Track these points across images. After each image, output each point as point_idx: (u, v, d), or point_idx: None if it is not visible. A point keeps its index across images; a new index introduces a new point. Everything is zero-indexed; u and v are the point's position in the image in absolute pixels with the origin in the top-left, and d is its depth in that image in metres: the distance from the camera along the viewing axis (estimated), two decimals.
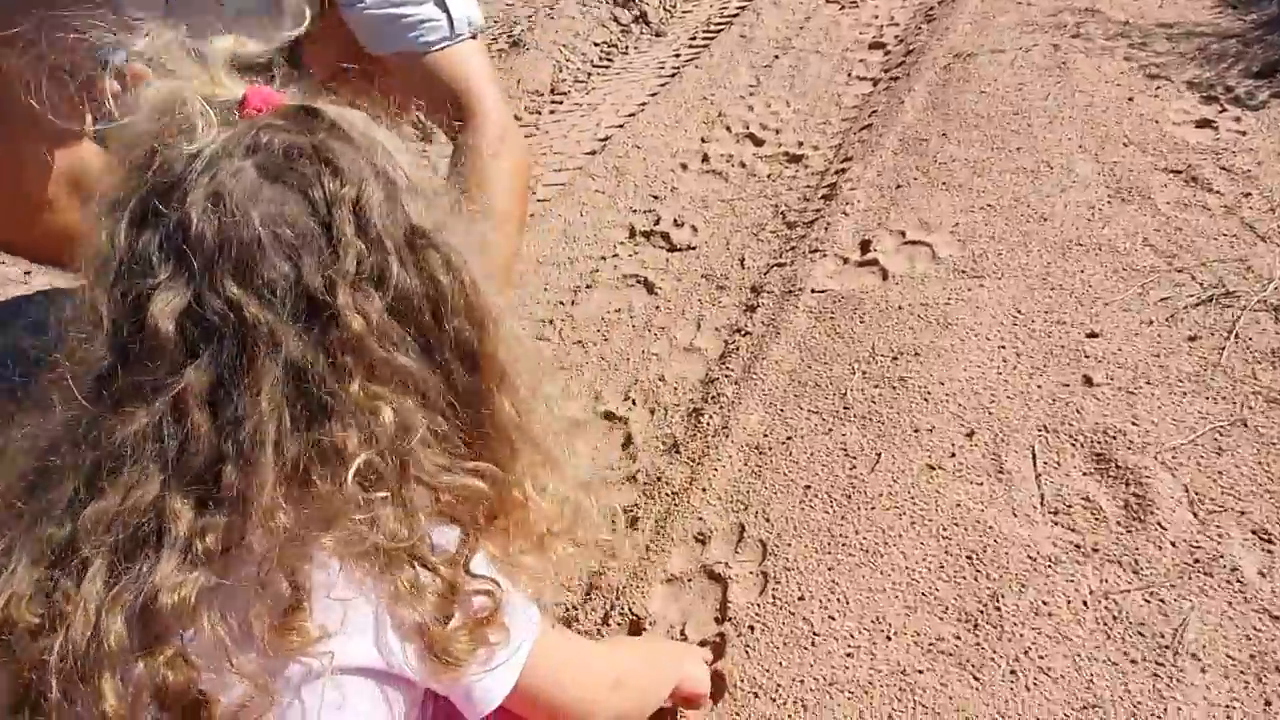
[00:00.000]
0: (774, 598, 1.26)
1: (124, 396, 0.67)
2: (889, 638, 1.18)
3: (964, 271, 1.80)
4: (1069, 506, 1.30)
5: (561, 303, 2.03)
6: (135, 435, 0.66)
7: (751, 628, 1.22)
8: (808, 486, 1.41)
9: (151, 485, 0.65)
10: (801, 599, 1.25)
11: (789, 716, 1.11)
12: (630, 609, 1.29)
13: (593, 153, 2.64)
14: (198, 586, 0.64)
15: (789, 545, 1.32)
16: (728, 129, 2.64)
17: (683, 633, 1.26)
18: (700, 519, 1.40)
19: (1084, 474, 1.34)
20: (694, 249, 2.14)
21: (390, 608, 0.69)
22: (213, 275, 0.67)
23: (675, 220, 2.25)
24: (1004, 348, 1.60)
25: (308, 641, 0.65)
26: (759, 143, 2.54)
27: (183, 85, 0.73)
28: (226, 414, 0.66)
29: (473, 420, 0.77)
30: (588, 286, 2.07)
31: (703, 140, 2.60)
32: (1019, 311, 1.67)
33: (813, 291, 1.84)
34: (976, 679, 1.12)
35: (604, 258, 2.16)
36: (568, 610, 1.34)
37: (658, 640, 1.24)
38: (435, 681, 0.73)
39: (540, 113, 2.97)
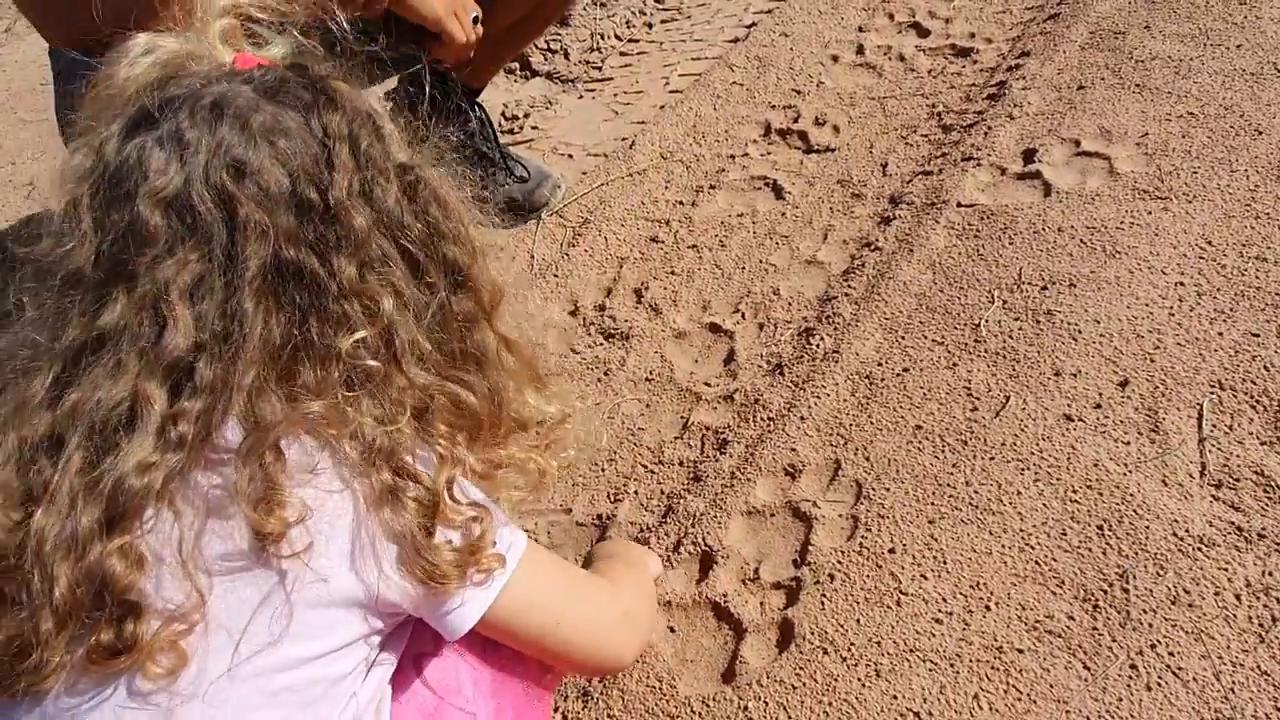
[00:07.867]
0: (861, 546, 1.13)
1: (106, 287, 0.67)
2: (988, 607, 1.03)
3: (1146, 191, 1.53)
4: (1236, 480, 1.09)
5: (680, 202, 1.90)
6: (114, 324, 0.66)
7: (832, 576, 1.10)
8: (919, 426, 1.25)
9: (128, 373, 0.65)
10: (892, 551, 1.11)
11: (859, 680, 1.00)
12: (704, 539, 1.19)
13: (735, 40, 2.43)
14: (168, 470, 0.63)
15: (887, 490, 1.18)
16: (890, 16, 2.35)
17: (756, 572, 1.15)
18: (793, 449, 1.28)
19: (1262, 443, 1.12)
20: (833, 151, 1.93)
21: (371, 509, 0.68)
22: (207, 168, 0.67)
23: (816, 118, 2.04)
24: (1183, 284, 1.35)
25: (281, 532, 0.64)
26: (924, 33, 2.25)
27: (185, 45, 0.77)
28: (209, 306, 0.66)
29: (461, 340, 0.79)
30: (711, 187, 1.92)
31: (860, 29, 2.33)
32: (1209, 242, 1.40)
33: (959, 205, 1.61)
34: (1087, 669, 0.96)
35: (733, 156, 1.99)
36: (641, 531, 1.26)
37: (632, 568, 1.08)
38: (417, 601, 0.72)
39: None
